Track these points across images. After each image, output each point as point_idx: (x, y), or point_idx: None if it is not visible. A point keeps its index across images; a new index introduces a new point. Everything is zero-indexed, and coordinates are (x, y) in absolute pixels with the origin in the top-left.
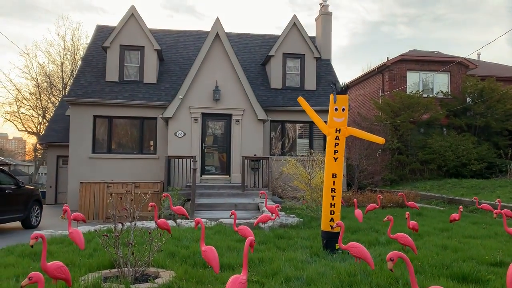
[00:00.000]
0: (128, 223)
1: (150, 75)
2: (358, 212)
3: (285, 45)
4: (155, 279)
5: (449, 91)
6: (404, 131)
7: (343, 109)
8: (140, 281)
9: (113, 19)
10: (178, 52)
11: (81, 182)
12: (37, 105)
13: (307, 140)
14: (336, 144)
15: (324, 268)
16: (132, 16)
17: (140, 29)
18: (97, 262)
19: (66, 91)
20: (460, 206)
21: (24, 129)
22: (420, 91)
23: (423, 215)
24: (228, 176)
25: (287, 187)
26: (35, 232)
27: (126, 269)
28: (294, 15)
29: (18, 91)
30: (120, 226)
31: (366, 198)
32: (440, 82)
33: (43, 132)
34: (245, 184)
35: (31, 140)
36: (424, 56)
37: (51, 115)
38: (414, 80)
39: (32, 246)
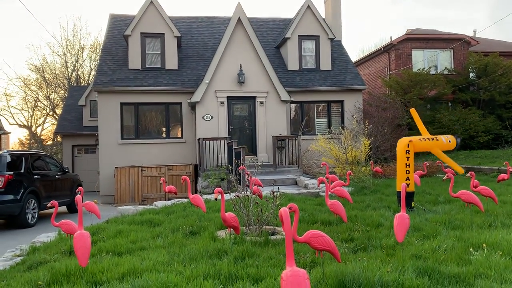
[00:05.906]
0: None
1: (172, 62)
2: (415, 176)
3: (300, 27)
4: (272, 234)
5: (452, 67)
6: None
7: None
8: (265, 236)
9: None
10: (193, 38)
11: (116, 167)
12: (27, 98)
13: (325, 119)
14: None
15: (419, 219)
16: (151, 4)
17: (160, 16)
18: (220, 223)
19: (72, 82)
20: (510, 166)
21: (15, 122)
22: (426, 68)
23: (455, 181)
24: (255, 156)
25: (311, 164)
26: (217, 188)
27: (251, 226)
28: None
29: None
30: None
31: (394, 170)
32: (443, 59)
33: (34, 126)
34: (276, 162)
35: (17, 134)
36: (428, 34)
37: (53, 106)
38: (419, 58)
39: (216, 199)
